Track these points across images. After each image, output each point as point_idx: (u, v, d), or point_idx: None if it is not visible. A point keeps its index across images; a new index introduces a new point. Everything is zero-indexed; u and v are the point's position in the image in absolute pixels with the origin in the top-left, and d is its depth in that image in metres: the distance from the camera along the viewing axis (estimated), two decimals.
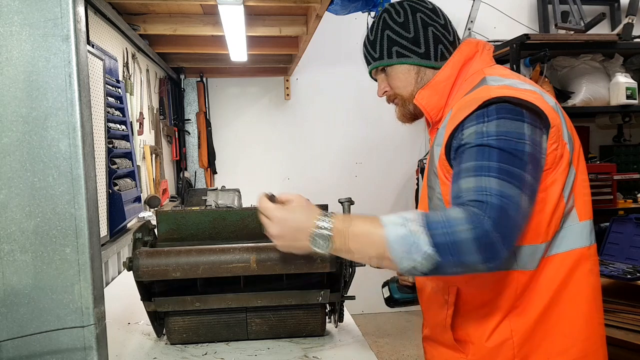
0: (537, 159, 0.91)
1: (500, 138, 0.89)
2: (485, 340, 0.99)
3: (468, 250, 0.83)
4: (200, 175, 4.03)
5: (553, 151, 0.94)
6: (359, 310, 4.08)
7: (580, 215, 0.99)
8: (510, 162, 0.88)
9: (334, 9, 2.54)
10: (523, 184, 0.87)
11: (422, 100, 1.10)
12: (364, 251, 0.91)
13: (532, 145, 0.90)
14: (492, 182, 0.86)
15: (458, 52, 1.10)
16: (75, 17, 0.78)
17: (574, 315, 0.98)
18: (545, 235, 0.95)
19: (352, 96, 4.01)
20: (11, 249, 0.79)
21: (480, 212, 0.84)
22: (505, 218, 0.84)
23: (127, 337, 1.36)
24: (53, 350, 0.81)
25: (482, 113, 0.92)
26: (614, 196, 3.22)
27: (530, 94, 0.93)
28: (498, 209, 0.84)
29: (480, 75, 1.04)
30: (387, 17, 1.13)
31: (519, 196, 0.86)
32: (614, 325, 1.92)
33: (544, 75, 3.16)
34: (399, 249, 0.86)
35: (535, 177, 0.91)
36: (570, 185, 0.97)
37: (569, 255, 0.97)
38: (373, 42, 1.15)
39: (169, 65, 3.47)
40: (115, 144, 1.96)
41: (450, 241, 0.83)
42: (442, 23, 1.13)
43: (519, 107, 0.91)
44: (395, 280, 1.38)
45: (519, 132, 0.90)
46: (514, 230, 0.85)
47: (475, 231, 0.82)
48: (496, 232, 0.83)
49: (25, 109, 0.78)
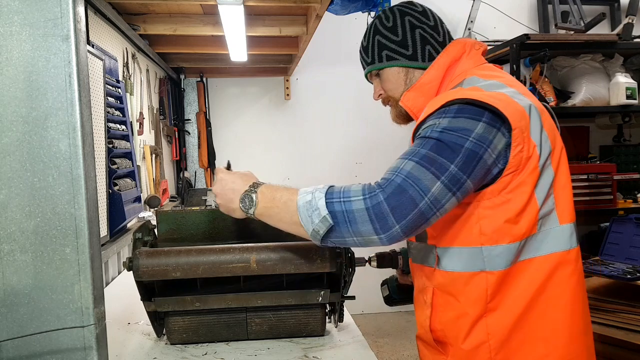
0: (478, 155, 0.91)
1: (445, 132, 0.92)
2: (462, 342, 1.00)
3: (360, 219, 0.90)
4: (200, 175, 4.03)
5: (518, 153, 0.93)
6: (359, 310, 4.08)
7: (561, 218, 0.98)
8: (440, 152, 0.91)
9: (334, 9, 2.54)
10: (443, 172, 0.89)
11: (408, 102, 1.13)
12: (281, 216, 0.99)
13: (478, 143, 0.91)
14: (409, 165, 0.91)
15: (444, 53, 1.12)
16: (75, 17, 0.78)
17: (553, 320, 0.97)
18: (512, 236, 0.95)
19: (352, 96, 4.01)
20: (11, 249, 0.79)
21: (378, 187, 0.91)
22: (400, 194, 0.88)
23: (127, 337, 1.36)
24: (53, 350, 0.81)
25: (443, 110, 0.96)
26: (614, 196, 3.22)
27: (497, 97, 0.94)
28: (396, 186, 0.89)
29: (464, 77, 1.06)
30: (378, 22, 1.18)
31: (430, 181, 0.89)
32: (614, 325, 1.92)
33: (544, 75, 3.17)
34: (304, 214, 0.94)
35: (466, 171, 0.90)
36: (546, 187, 0.96)
37: (548, 258, 0.97)
38: (366, 48, 1.20)
39: (169, 65, 3.47)
40: (115, 144, 1.96)
41: (345, 209, 0.91)
42: (432, 24, 1.15)
43: (481, 109, 0.93)
44: (395, 279, 1.38)
45: (468, 129, 0.92)
46: (408, 207, 0.88)
47: (366, 201, 0.89)
48: (387, 204, 0.88)
49: (25, 109, 0.78)
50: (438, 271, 1.03)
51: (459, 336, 1.00)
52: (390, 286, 1.38)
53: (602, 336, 1.87)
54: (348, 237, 0.92)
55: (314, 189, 0.96)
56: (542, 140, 0.96)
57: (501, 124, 0.93)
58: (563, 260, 0.97)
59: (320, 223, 0.92)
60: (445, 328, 1.03)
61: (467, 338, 0.99)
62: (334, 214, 0.91)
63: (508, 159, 0.93)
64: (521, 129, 0.93)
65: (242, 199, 1.03)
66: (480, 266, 0.97)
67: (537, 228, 0.96)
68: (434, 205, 0.89)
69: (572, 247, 0.99)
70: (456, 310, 1.01)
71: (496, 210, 0.95)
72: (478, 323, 0.98)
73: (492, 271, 0.96)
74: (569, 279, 0.98)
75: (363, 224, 0.90)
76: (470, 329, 0.99)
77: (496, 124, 0.93)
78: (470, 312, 0.98)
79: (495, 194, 0.95)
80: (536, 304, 0.96)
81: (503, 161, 0.93)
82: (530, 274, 0.96)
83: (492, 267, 0.96)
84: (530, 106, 0.97)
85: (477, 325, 0.98)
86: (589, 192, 3.20)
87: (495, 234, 0.95)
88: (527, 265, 0.97)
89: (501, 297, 0.97)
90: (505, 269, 0.96)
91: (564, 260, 0.98)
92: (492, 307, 0.97)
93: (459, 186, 0.90)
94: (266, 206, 1.00)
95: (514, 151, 0.93)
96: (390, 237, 0.90)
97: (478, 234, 0.96)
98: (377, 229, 0.89)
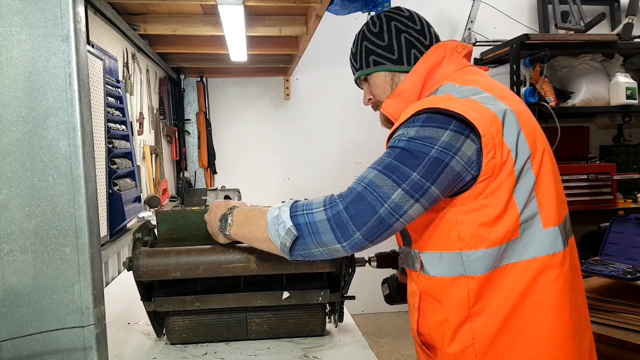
0: (443, 163, 0.91)
1: (411, 141, 0.94)
2: (447, 347, 1.00)
3: (323, 229, 0.94)
4: (200, 175, 4.03)
5: (491, 159, 0.92)
6: (359, 310, 4.08)
7: (545, 222, 0.97)
8: (403, 161, 0.93)
9: (334, 9, 2.54)
10: (404, 180, 0.91)
11: (389, 109, 1.13)
12: (253, 233, 1.04)
13: (444, 151, 0.92)
14: (372, 173, 0.94)
15: (424, 58, 1.12)
16: (75, 17, 0.78)
17: (538, 326, 0.96)
18: (491, 241, 0.94)
19: (352, 96, 4.00)
20: (11, 249, 0.79)
21: (339, 197, 0.95)
22: (359, 202, 0.92)
23: (127, 337, 1.36)
24: (53, 350, 0.81)
25: (412, 120, 0.97)
26: (614, 196, 3.22)
27: (466, 104, 0.94)
28: (357, 194, 0.93)
29: (443, 82, 1.07)
30: (365, 28, 1.20)
31: (389, 188, 0.91)
32: (613, 325, 1.92)
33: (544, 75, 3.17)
34: (272, 228, 0.99)
35: (429, 179, 0.91)
36: (527, 191, 0.95)
37: (532, 263, 0.96)
38: (354, 54, 1.22)
39: (169, 65, 3.47)
40: (115, 144, 1.96)
41: (308, 221, 0.95)
42: (418, 29, 1.15)
43: (449, 117, 0.93)
44: (395, 278, 1.38)
45: (434, 137, 0.93)
46: (368, 214, 0.91)
47: (327, 211, 0.94)
48: (346, 212, 0.92)
49: (25, 109, 0.78)
50: (423, 275, 1.03)
51: (444, 340, 1.00)
52: (391, 285, 1.38)
53: (602, 336, 1.87)
54: (313, 248, 0.96)
55: (281, 205, 1.01)
56: (518, 145, 0.95)
57: (470, 131, 0.93)
58: (546, 265, 0.96)
59: (286, 235, 0.96)
60: (432, 332, 1.04)
61: (452, 342, 0.99)
62: (298, 226, 0.96)
63: (481, 165, 0.93)
64: (491, 135, 0.92)
65: (220, 220, 1.12)
66: (460, 271, 0.97)
67: (519, 232, 0.95)
68: (395, 212, 0.92)
69: (556, 251, 0.97)
70: (441, 314, 1.01)
71: (473, 216, 0.95)
72: (462, 327, 0.98)
73: (473, 276, 0.96)
74: (553, 283, 0.96)
75: (325, 234, 0.94)
76: (454, 333, 0.99)
77: (464, 132, 0.93)
78: (453, 317, 0.98)
79: (472, 199, 0.95)
80: (521, 308, 0.96)
81: (476, 167, 0.93)
82: (513, 278, 0.96)
83: (472, 271, 0.96)
84: (505, 111, 0.96)
85: (461, 330, 0.98)
86: (589, 192, 3.20)
87: (473, 239, 0.95)
88: (510, 270, 0.96)
89: (485, 302, 0.97)
90: (485, 273, 0.95)
91: (548, 264, 0.96)
92: (476, 312, 0.97)
93: (422, 193, 0.92)
94: (240, 225, 1.07)
95: (486, 157, 0.92)
96: (352, 245, 0.93)
97: (457, 239, 0.96)
98: (339, 237, 0.93)
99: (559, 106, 3.19)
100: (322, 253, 0.97)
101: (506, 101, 0.99)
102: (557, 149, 2.95)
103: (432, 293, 1.02)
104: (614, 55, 3.35)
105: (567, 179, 3.14)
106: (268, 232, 1.00)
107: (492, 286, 0.96)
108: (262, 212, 1.04)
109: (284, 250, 0.98)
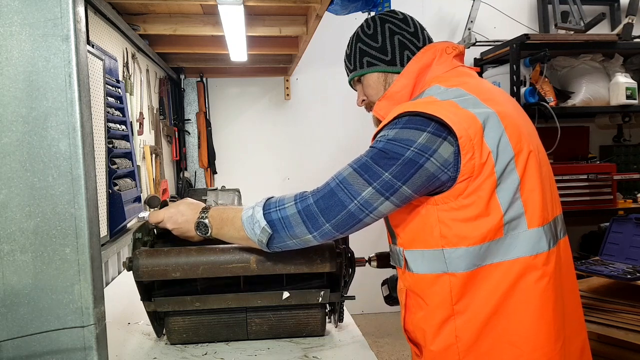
0: (417, 164, 0.94)
1: (389, 142, 0.96)
2: (431, 344, 1.01)
3: (295, 222, 1.01)
4: (200, 175, 4.03)
5: (469, 160, 0.93)
6: (359, 310, 4.08)
7: (530, 222, 0.97)
8: (377, 160, 0.96)
9: (334, 9, 2.55)
10: (376, 179, 0.95)
11: (380, 111, 1.15)
12: (231, 233, 1.10)
13: (419, 152, 0.94)
14: (347, 171, 0.99)
15: (414, 60, 1.13)
16: (75, 17, 0.78)
17: (521, 326, 0.96)
18: (472, 239, 0.95)
19: (352, 96, 3.99)
20: (11, 249, 0.79)
21: (311, 192, 1.02)
22: (330, 197, 0.98)
23: (127, 337, 1.36)
24: (53, 350, 0.81)
25: (394, 122, 0.99)
26: (613, 196, 3.22)
27: (445, 107, 0.96)
28: (329, 190, 0.99)
29: (430, 84, 1.08)
30: (360, 30, 1.21)
31: (360, 186, 0.96)
32: (613, 325, 1.92)
33: (544, 75, 3.17)
34: (248, 227, 1.06)
35: (401, 179, 0.94)
36: (511, 192, 0.95)
37: (514, 263, 0.96)
38: (349, 55, 1.23)
39: (169, 65, 3.47)
40: (115, 144, 1.95)
41: (281, 216, 1.02)
42: (411, 31, 1.17)
43: (428, 119, 0.95)
44: (395, 278, 1.38)
45: (411, 139, 0.95)
46: (337, 208, 0.98)
47: (297, 205, 1.01)
48: (316, 206, 0.99)
49: (25, 109, 0.78)
50: (407, 273, 1.05)
51: (427, 337, 1.01)
52: (391, 285, 1.38)
53: (602, 336, 1.87)
54: (288, 241, 1.04)
55: (254, 204, 1.07)
56: (499, 146, 0.95)
57: (447, 133, 0.94)
58: (529, 265, 0.96)
59: (262, 234, 1.03)
60: (416, 329, 1.05)
61: (435, 339, 1.00)
62: (272, 223, 1.03)
63: (459, 166, 0.94)
64: (469, 136, 0.93)
65: (196, 226, 1.13)
66: (442, 268, 0.98)
67: (503, 232, 0.95)
68: (364, 208, 0.97)
69: (540, 251, 0.97)
70: (424, 312, 1.02)
71: (455, 214, 0.96)
72: (446, 325, 0.99)
73: (455, 273, 0.97)
74: (535, 284, 0.96)
75: (297, 226, 1.01)
76: (437, 331, 1.00)
77: (442, 134, 0.94)
78: (436, 314, 0.99)
79: (452, 199, 0.96)
80: (504, 308, 0.96)
81: (454, 169, 0.94)
82: (496, 278, 0.96)
83: (453, 268, 0.97)
84: (487, 113, 0.96)
85: (444, 327, 0.99)
86: (589, 192, 3.20)
87: (455, 237, 0.96)
88: (493, 270, 0.96)
89: (468, 301, 0.97)
90: (467, 271, 0.96)
91: (531, 265, 0.96)
92: (459, 310, 0.98)
93: (392, 192, 0.95)
94: (218, 227, 1.12)
95: (464, 158, 0.93)
96: (323, 234, 1.00)
97: (439, 236, 0.98)
98: (310, 228, 1.00)
99: (559, 106, 3.19)
100: (296, 244, 1.04)
101: (491, 102, 1.00)
102: (557, 149, 2.96)
103: (416, 290, 1.03)
104: (614, 55, 3.35)
105: (567, 179, 3.15)
106: (245, 230, 1.06)
107: (475, 285, 0.97)
108: (235, 211, 1.10)
109: (262, 245, 1.06)
